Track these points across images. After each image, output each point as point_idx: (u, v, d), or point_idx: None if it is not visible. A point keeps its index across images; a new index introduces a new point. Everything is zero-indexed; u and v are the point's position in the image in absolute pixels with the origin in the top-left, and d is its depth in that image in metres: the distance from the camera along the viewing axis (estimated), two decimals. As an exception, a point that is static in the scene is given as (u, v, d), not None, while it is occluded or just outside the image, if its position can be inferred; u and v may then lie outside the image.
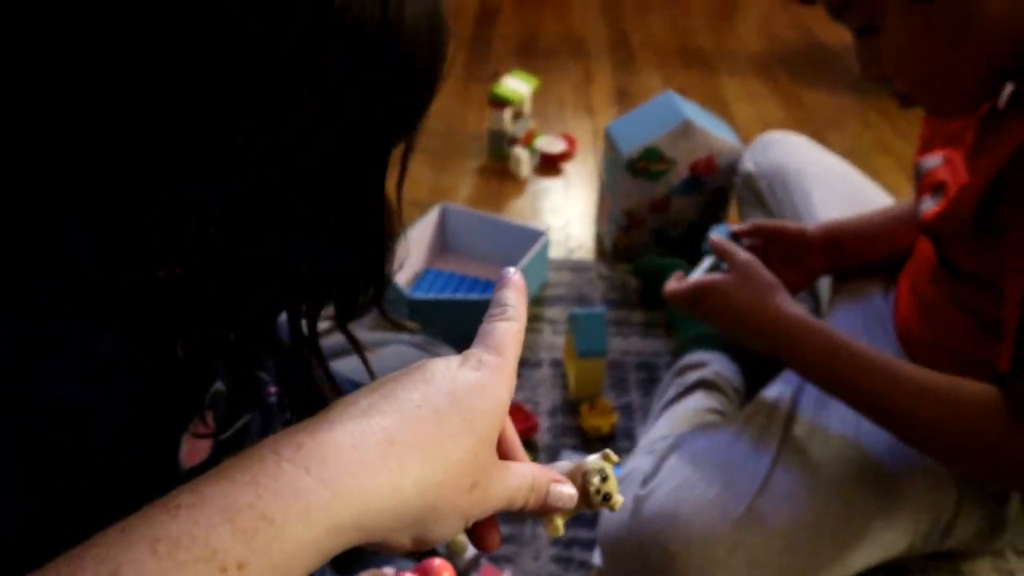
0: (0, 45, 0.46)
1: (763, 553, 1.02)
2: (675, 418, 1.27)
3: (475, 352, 0.46)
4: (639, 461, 1.14)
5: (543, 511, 0.48)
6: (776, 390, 1.18)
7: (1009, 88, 0.94)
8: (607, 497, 0.49)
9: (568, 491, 0.48)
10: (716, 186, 1.83)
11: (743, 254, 1.13)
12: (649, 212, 1.85)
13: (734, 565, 1.01)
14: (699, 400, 1.31)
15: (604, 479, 0.49)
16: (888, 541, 1.10)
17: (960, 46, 0.89)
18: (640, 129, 1.81)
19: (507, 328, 0.48)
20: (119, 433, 0.61)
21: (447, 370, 0.44)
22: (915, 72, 0.95)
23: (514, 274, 0.51)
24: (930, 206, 1.06)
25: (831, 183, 1.52)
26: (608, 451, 0.51)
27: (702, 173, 1.80)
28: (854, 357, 1.00)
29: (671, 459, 1.10)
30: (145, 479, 0.64)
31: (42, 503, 0.58)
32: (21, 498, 0.58)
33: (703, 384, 1.35)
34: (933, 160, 1.10)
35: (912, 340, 1.16)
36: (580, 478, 0.50)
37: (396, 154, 0.58)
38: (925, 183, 1.10)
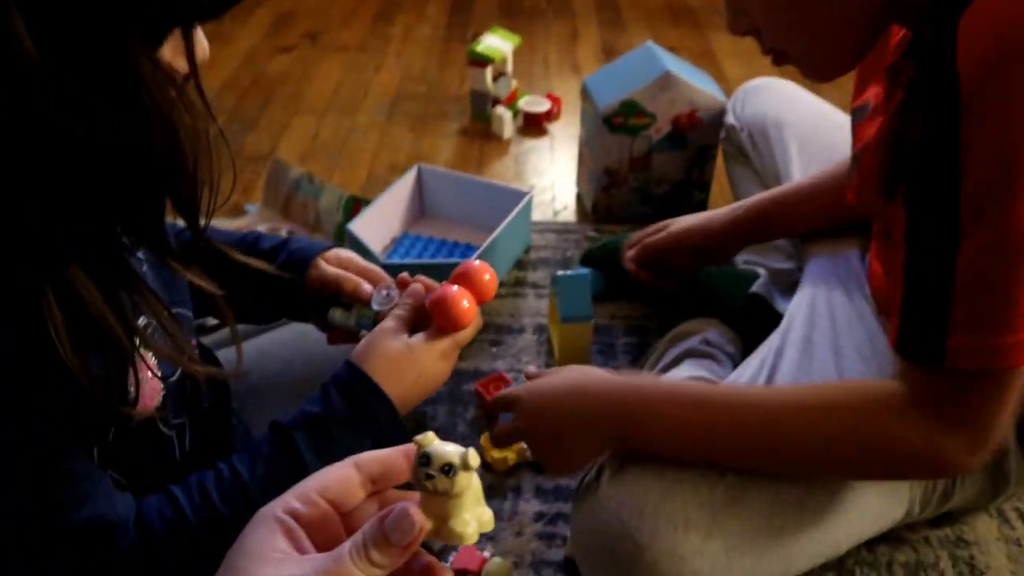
0: None
1: (742, 537, 0.91)
2: None
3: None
4: None
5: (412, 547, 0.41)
6: (754, 360, 1.09)
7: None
8: (448, 470, 0.40)
9: (403, 524, 0.40)
10: (701, 143, 1.74)
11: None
12: (630, 170, 1.76)
13: (710, 552, 0.90)
14: (686, 370, 1.23)
15: (426, 462, 0.41)
16: (881, 512, 1.01)
17: None
18: (618, 82, 1.71)
19: None
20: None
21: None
22: (783, 24, 0.85)
23: None
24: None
25: (810, 134, 1.42)
26: (416, 437, 0.42)
27: (685, 128, 1.71)
28: (726, 398, 0.91)
29: None
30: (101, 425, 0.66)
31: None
32: (21, 497, 0.60)
33: (692, 353, 1.27)
34: (862, 111, 1.01)
35: (881, 298, 1.07)
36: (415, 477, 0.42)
37: None
38: (854, 143, 1.02)
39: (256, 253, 0.93)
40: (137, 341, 0.65)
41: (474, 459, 0.41)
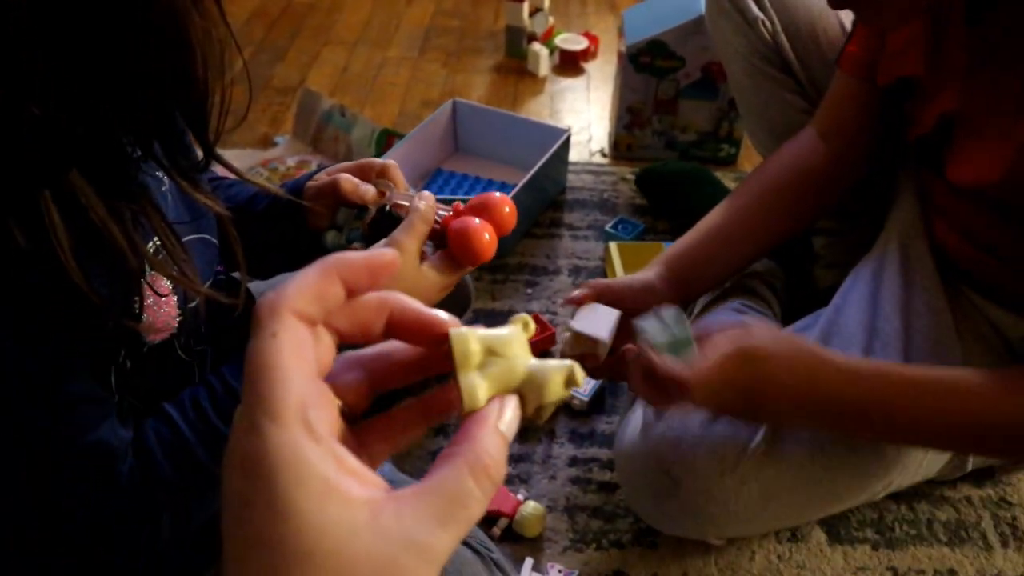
0: None
1: (778, 485, 0.92)
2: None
3: None
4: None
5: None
6: (810, 319, 1.05)
7: None
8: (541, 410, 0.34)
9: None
10: (732, 96, 1.68)
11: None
12: (654, 112, 1.71)
13: (745, 496, 0.91)
14: (734, 305, 1.19)
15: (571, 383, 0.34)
16: (926, 464, 0.99)
17: None
18: (652, 20, 1.65)
19: None
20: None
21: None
22: None
23: None
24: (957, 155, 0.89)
25: None
26: (523, 319, 0.34)
27: (717, 78, 1.65)
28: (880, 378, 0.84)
29: None
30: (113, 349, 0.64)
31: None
32: (22, 418, 0.59)
33: (740, 289, 1.23)
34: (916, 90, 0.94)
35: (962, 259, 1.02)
36: (551, 378, 0.33)
37: None
38: (928, 115, 0.93)
39: (253, 215, 0.88)
40: (146, 264, 0.62)
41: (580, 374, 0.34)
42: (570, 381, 0.33)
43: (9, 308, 0.55)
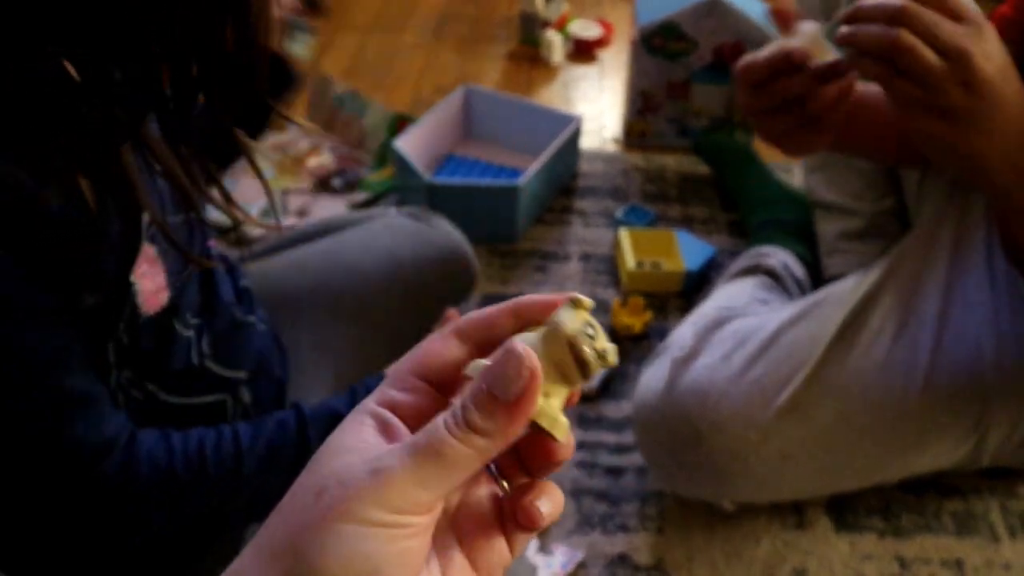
0: None
1: (799, 446, 0.94)
2: (727, 294, 1.17)
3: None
4: (683, 329, 1.05)
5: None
6: (851, 284, 1.05)
7: None
8: (603, 354, 0.34)
9: (509, 365, 0.31)
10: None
11: None
12: (666, 97, 1.71)
13: (765, 454, 0.93)
14: (756, 283, 1.20)
15: (593, 336, 0.34)
16: (943, 451, 0.99)
17: None
18: (665, 2, 1.65)
19: None
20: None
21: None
22: None
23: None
24: None
25: None
26: (575, 296, 0.34)
27: (729, 60, 1.64)
28: None
29: (717, 332, 1.01)
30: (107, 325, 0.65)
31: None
32: (18, 412, 0.60)
33: (766, 271, 1.23)
34: None
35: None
36: (563, 349, 0.33)
37: None
38: None
39: None
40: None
41: (614, 357, 0.34)
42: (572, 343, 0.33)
43: (20, 276, 0.56)
